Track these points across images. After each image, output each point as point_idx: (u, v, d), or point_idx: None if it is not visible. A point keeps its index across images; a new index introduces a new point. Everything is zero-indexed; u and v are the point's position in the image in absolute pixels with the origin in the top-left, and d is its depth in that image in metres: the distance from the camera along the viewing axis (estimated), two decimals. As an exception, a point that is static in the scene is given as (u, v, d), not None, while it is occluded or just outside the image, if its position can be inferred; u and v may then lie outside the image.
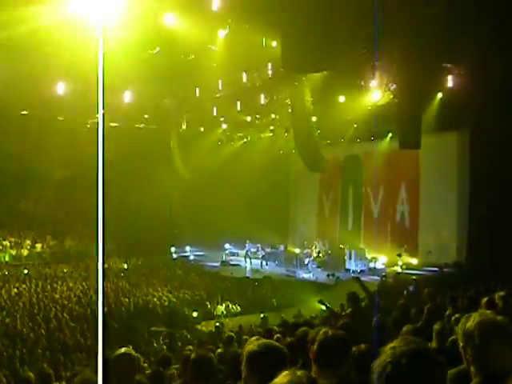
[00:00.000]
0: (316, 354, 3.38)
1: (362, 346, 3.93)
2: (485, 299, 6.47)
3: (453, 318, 4.43)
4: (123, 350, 4.29)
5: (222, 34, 18.54)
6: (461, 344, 2.79)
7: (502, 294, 6.65)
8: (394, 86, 22.30)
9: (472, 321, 2.76)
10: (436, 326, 4.75)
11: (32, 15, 14.76)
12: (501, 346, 2.68)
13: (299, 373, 2.31)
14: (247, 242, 30.75)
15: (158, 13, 16.69)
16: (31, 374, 6.04)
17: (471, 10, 16.00)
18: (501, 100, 18.70)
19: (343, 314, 9.36)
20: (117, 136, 33.20)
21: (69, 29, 15.89)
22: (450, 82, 20.63)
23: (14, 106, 27.05)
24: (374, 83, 21.90)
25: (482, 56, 17.90)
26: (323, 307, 16.60)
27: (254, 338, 4.73)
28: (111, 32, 16.34)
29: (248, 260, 30.13)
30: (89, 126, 29.86)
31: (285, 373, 2.31)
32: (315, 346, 3.40)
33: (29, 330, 15.21)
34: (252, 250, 30.89)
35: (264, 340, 3.26)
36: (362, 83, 22.68)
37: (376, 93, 23.39)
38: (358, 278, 17.17)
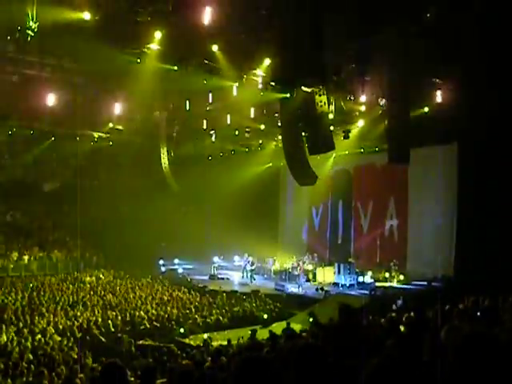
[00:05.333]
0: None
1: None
2: (471, 311, 6.49)
3: (442, 330, 4.42)
4: (111, 360, 4.24)
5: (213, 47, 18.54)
6: (451, 357, 2.78)
7: (487, 305, 6.68)
8: (384, 100, 22.44)
9: (462, 333, 2.75)
10: (426, 339, 4.74)
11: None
12: (491, 358, 2.67)
13: None
14: (245, 255, 30.47)
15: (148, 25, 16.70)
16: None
17: (459, 26, 16.16)
18: (488, 114, 18.87)
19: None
20: (106, 148, 33.31)
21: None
22: (438, 96, 20.78)
23: (2, 117, 26.93)
24: (363, 98, 22.00)
25: (470, 70, 18.07)
26: (311, 319, 16.61)
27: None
28: (101, 42, 16.39)
29: (245, 273, 29.94)
30: (78, 138, 29.80)
31: None
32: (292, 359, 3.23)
33: (14, 342, 15.02)
34: (243, 263, 30.78)
35: (248, 354, 3.19)
36: (352, 97, 22.79)
37: (365, 107, 23.54)
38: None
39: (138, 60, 18.50)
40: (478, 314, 7.17)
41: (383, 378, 2.05)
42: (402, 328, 7.47)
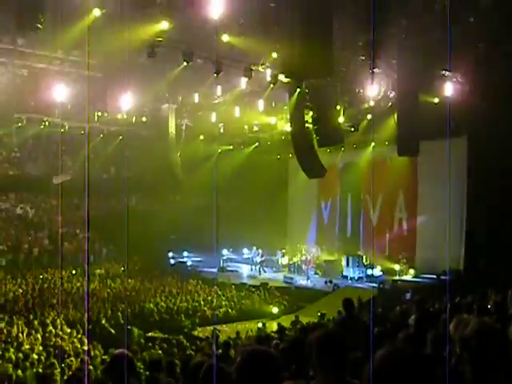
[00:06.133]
0: (314, 356, 3.32)
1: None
2: (480, 305, 6.48)
3: (451, 323, 4.42)
4: (119, 350, 4.28)
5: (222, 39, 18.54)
6: (457, 350, 2.79)
7: (496, 299, 6.67)
8: (393, 93, 22.36)
9: (470, 327, 2.76)
10: (430, 333, 4.74)
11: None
12: (497, 352, 2.67)
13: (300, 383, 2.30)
14: (254, 248, 30.64)
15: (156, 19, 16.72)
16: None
17: (470, 18, 16.08)
18: (499, 107, 18.76)
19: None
20: (115, 140, 33.42)
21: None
22: (448, 89, 20.65)
23: (12, 111, 27.06)
24: (372, 90, 21.92)
25: (480, 63, 17.97)
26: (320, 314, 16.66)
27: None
28: (110, 37, 16.44)
29: (254, 266, 30.12)
30: (86, 131, 29.91)
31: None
32: (313, 348, 3.34)
33: (24, 334, 15.14)
34: (252, 255, 30.88)
35: (254, 346, 3.22)
36: (361, 90, 22.72)
37: (374, 100, 23.45)
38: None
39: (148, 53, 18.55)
40: (488, 307, 7.14)
41: (389, 369, 2.06)
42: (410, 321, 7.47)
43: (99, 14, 15.93)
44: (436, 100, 21.92)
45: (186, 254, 34.00)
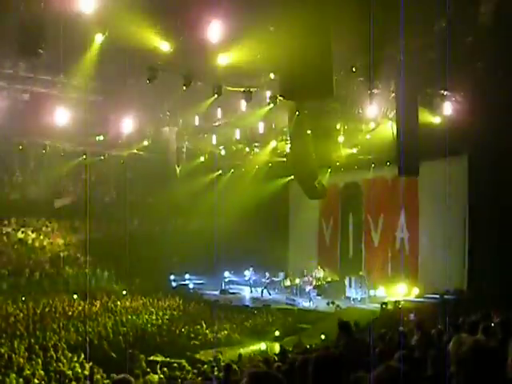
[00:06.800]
0: (310, 378, 3.32)
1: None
2: (482, 325, 6.45)
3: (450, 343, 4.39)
4: (121, 376, 4.25)
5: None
6: (453, 368, 2.79)
7: (498, 320, 6.64)
8: (392, 113, 22.43)
9: (465, 346, 2.75)
10: (431, 353, 4.71)
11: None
12: (493, 371, 2.67)
13: None
14: (251, 269, 30.67)
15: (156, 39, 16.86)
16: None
17: (468, 38, 16.21)
18: (498, 126, 18.82)
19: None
20: (117, 164, 33.53)
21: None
22: (447, 108, 20.72)
23: (14, 134, 27.21)
24: (372, 111, 22.01)
25: (479, 82, 18.06)
26: (323, 336, 16.55)
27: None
28: (111, 57, 16.60)
29: (251, 288, 30.09)
30: (88, 154, 30.02)
31: None
32: (310, 368, 3.35)
33: (25, 359, 15.04)
34: (253, 278, 30.82)
35: (259, 368, 3.21)
36: (360, 111, 22.81)
37: (374, 120, 23.54)
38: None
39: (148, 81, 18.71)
40: (491, 326, 7.10)
41: None
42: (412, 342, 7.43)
43: (102, 40, 16.11)
44: (436, 120, 22.00)
45: (187, 276, 33.90)
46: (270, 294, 29.48)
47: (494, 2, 14.95)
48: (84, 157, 31.05)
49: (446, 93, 20.59)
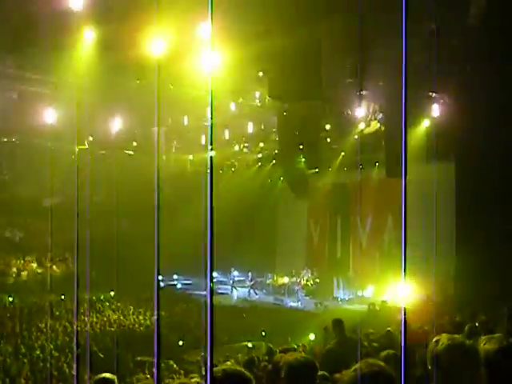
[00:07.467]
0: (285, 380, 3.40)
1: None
2: (468, 326, 6.53)
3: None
4: (103, 375, 4.25)
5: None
6: (429, 366, 2.83)
7: (483, 319, 6.72)
8: (381, 115, 22.56)
9: (441, 344, 2.79)
10: (417, 354, 4.75)
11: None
12: (468, 369, 2.71)
13: None
14: (233, 270, 30.72)
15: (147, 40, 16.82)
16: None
17: (456, 39, 16.32)
18: (486, 128, 18.94)
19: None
20: (105, 163, 33.38)
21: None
22: (435, 110, 20.85)
23: (2, 132, 27.06)
24: (360, 112, 22.11)
25: (468, 84, 18.18)
26: (312, 336, 16.57)
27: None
28: (100, 60, 16.54)
29: (234, 289, 30.12)
30: (77, 153, 29.87)
31: None
32: (283, 372, 3.42)
33: (12, 359, 14.97)
34: (240, 278, 30.83)
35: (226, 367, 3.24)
36: (349, 112, 22.91)
37: (363, 122, 23.64)
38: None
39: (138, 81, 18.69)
40: (476, 326, 7.18)
41: None
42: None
43: (92, 37, 16.06)
44: (425, 122, 22.14)
45: (175, 276, 33.82)
46: (256, 294, 29.49)
47: (481, 4, 15.06)
48: (73, 156, 30.88)
49: (434, 95, 20.72)
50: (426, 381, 3.10)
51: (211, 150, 2.66)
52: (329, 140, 25.63)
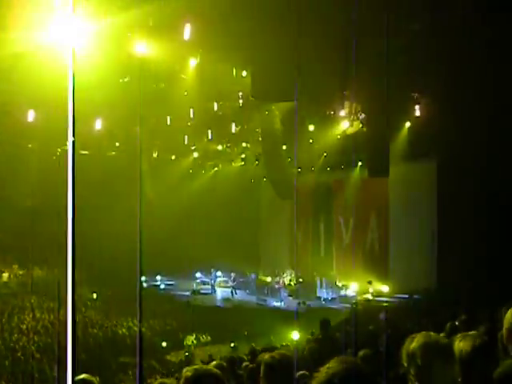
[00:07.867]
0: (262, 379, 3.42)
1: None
2: (448, 324, 6.58)
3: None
4: (82, 376, 4.20)
5: (193, 62, 18.64)
6: (404, 364, 2.85)
7: (463, 318, 6.77)
8: (363, 115, 22.63)
9: (415, 342, 2.81)
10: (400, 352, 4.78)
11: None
12: (443, 366, 2.73)
13: None
14: (214, 270, 30.74)
15: (130, 41, 16.74)
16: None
17: (438, 40, 16.40)
18: (468, 128, 19.08)
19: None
20: (87, 164, 33.13)
21: (38, 56, 15.82)
22: (417, 111, 20.98)
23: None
24: (342, 112, 22.18)
25: (450, 85, 18.29)
26: (295, 336, 16.59)
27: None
28: (82, 59, 16.37)
29: (217, 289, 30.13)
30: (58, 153, 29.62)
31: None
32: (261, 370, 3.45)
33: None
34: (222, 278, 30.82)
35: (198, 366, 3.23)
36: (332, 112, 22.96)
37: (345, 122, 23.71)
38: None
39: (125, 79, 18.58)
40: (456, 325, 7.23)
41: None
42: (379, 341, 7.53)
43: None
44: (406, 122, 22.27)
45: (158, 277, 33.67)
46: (236, 294, 29.47)
47: (460, 5, 15.17)
48: (54, 157, 30.61)
49: (416, 95, 20.84)
50: (400, 379, 3.13)
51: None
52: (311, 140, 25.68)
